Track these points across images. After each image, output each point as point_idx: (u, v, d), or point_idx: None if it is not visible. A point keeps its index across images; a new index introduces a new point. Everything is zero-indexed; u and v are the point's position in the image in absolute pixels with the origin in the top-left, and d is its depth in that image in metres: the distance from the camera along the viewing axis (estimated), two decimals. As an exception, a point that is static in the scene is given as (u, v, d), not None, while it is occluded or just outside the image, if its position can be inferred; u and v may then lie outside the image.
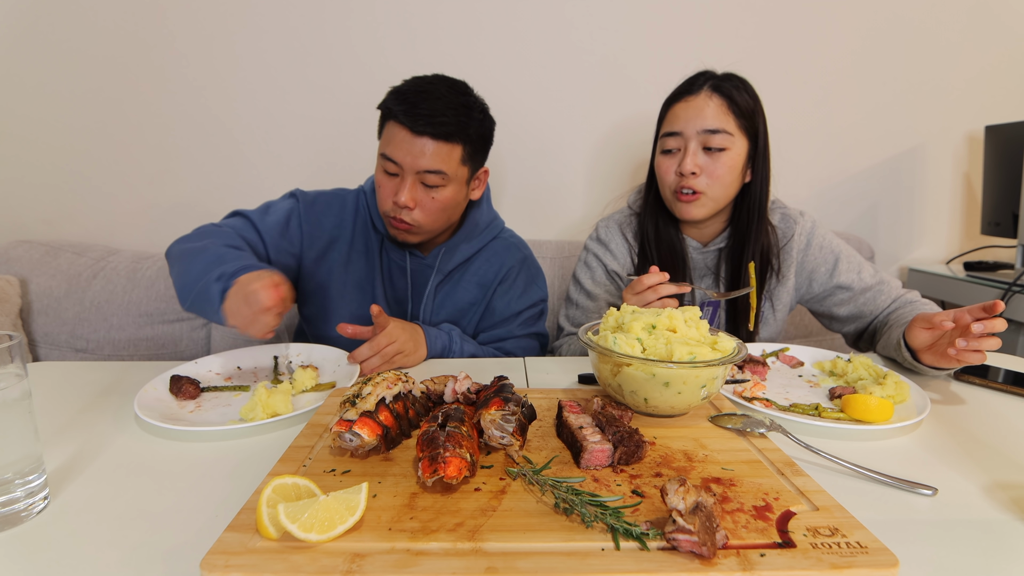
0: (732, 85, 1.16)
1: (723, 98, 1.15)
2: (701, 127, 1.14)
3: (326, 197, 1.26)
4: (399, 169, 1.09)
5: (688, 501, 0.50)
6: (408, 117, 1.05)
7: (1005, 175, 1.78)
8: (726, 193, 1.18)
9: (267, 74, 1.78)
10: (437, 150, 1.07)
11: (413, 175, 1.09)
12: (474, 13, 1.77)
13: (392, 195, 1.10)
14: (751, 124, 1.17)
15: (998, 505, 0.62)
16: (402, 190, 1.09)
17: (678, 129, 1.17)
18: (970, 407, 0.90)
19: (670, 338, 0.79)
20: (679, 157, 1.17)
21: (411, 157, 1.07)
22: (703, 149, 1.15)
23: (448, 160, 1.09)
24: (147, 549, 0.53)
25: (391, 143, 1.08)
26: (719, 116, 1.14)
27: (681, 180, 1.17)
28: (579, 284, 1.36)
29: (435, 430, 0.62)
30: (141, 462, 0.71)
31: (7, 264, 1.66)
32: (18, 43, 1.73)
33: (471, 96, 1.14)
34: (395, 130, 1.08)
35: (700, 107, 1.15)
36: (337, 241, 1.23)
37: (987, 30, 1.87)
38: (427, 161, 1.07)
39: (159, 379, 0.92)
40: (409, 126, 1.06)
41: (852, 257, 1.28)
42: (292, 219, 1.21)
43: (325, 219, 1.23)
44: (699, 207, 1.18)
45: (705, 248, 1.28)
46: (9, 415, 0.57)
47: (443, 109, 1.06)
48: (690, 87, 1.18)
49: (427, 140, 1.06)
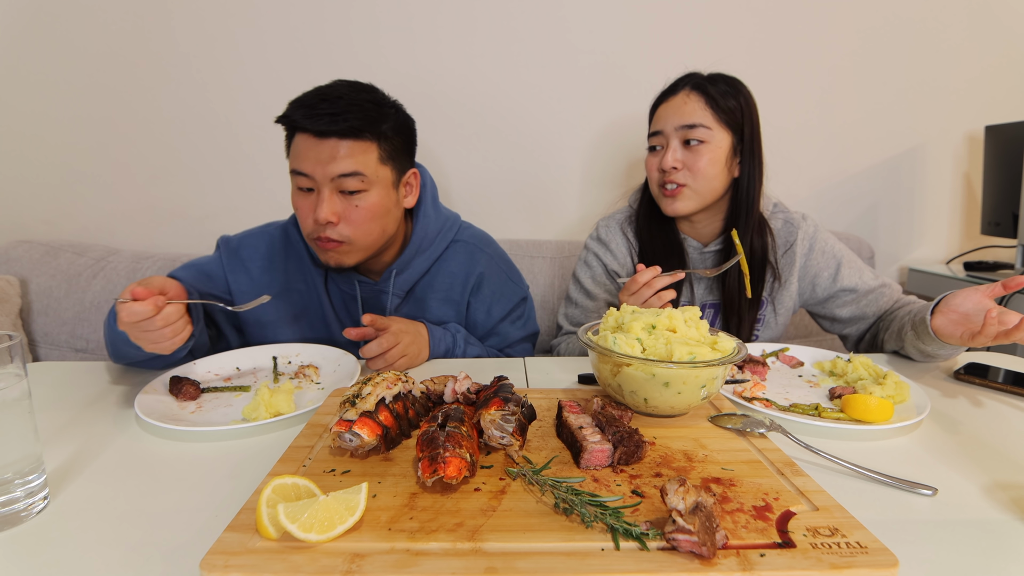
0: (711, 82, 1.19)
1: (701, 95, 1.19)
2: (679, 123, 1.19)
3: (251, 239, 1.18)
4: (313, 183, 0.99)
5: (688, 501, 0.50)
6: (310, 120, 0.96)
7: (1005, 175, 1.78)
8: (710, 186, 1.20)
9: (268, 74, 1.78)
10: (349, 150, 0.97)
11: (328, 185, 0.98)
12: (472, 14, 1.77)
13: (311, 213, 1.00)
14: (732, 118, 1.19)
15: (998, 505, 0.62)
16: (320, 205, 0.98)
17: (659, 128, 1.22)
18: (970, 407, 0.89)
19: (670, 338, 0.79)
20: (661, 153, 1.22)
21: (321, 165, 0.97)
22: (683, 144, 1.19)
23: (363, 160, 0.99)
24: (147, 549, 0.53)
25: (298, 156, 0.99)
26: (696, 112, 1.18)
27: (664, 176, 1.21)
28: (579, 283, 1.36)
29: (435, 430, 0.62)
30: (141, 462, 0.71)
31: (7, 264, 1.66)
32: (19, 42, 1.73)
33: (379, 93, 1.05)
34: (300, 141, 0.99)
35: (679, 105, 1.19)
36: (268, 286, 1.15)
37: (987, 30, 1.87)
38: (339, 165, 0.97)
39: (159, 380, 0.92)
40: (312, 130, 0.96)
41: (854, 261, 1.28)
42: (215, 271, 1.15)
43: (251, 264, 1.16)
44: (683, 201, 1.21)
45: (705, 248, 1.28)
46: (9, 415, 0.57)
47: (346, 106, 0.97)
48: (672, 88, 1.23)
49: (335, 141, 0.97)
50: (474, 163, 1.87)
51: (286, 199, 1.82)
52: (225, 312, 1.15)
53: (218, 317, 1.16)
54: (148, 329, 0.84)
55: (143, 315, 0.81)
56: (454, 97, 1.82)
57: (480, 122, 1.84)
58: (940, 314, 1.01)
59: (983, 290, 0.98)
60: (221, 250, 1.18)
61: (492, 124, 1.84)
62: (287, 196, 1.82)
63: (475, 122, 1.84)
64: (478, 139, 1.86)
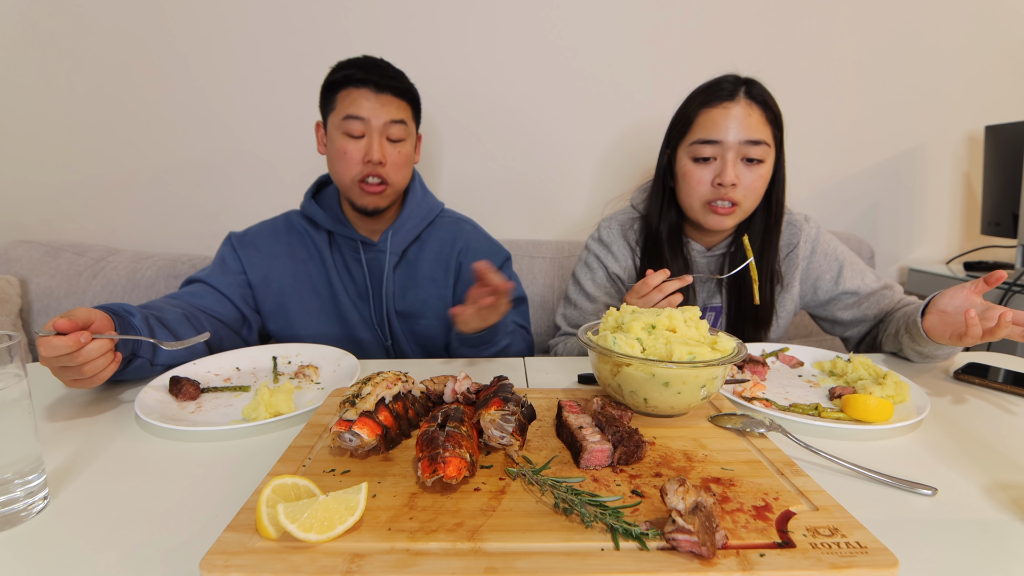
0: (763, 92, 1.13)
1: (761, 107, 1.12)
2: (743, 137, 1.10)
3: (256, 228, 1.34)
4: (365, 128, 1.16)
5: (688, 501, 0.50)
6: (372, 76, 1.15)
7: (1005, 175, 1.78)
8: (755, 204, 1.17)
9: (266, 74, 1.78)
10: (398, 104, 1.18)
11: (379, 131, 1.16)
12: (471, 14, 1.77)
13: (362, 156, 1.16)
14: (780, 133, 1.16)
15: (998, 505, 0.62)
16: (372, 147, 1.16)
17: (717, 138, 1.11)
18: (970, 407, 0.89)
19: (670, 338, 0.79)
20: (715, 167, 1.13)
21: (378, 113, 1.15)
22: (741, 159, 1.12)
23: (407, 113, 1.21)
24: (147, 549, 0.53)
25: (354, 104, 1.16)
26: (761, 126, 1.11)
27: (719, 191, 1.12)
28: (579, 284, 1.35)
29: (435, 430, 0.62)
30: (141, 462, 0.71)
31: (7, 264, 1.66)
32: (18, 43, 1.73)
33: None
34: (356, 94, 1.16)
35: (741, 116, 1.10)
36: (276, 258, 1.29)
37: (987, 31, 1.87)
38: (393, 113, 1.17)
39: (158, 380, 0.92)
40: (373, 86, 1.15)
41: (855, 263, 1.27)
42: (227, 256, 1.28)
43: (259, 242, 1.30)
44: (733, 218, 1.16)
45: (709, 252, 1.26)
46: (8, 415, 0.57)
47: (395, 72, 1.20)
48: (729, 94, 1.12)
49: (389, 96, 1.17)
50: (473, 163, 1.87)
51: (285, 199, 1.83)
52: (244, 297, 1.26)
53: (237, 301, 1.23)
54: (68, 365, 0.78)
55: (63, 350, 0.76)
56: (453, 98, 1.82)
57: (479, 123, 1.84)
58: (930, 314, 1.01)
59: (969, 287, 0.97)
60: (231, 240, 1.31)
61: (491, 125, 1.84)
62: (286, 196, 1.85)
63: (474, 123, 1.84)
64: (477, 140, 1.86)
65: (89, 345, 0.79)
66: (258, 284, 1.27)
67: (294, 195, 1.86)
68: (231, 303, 1.22)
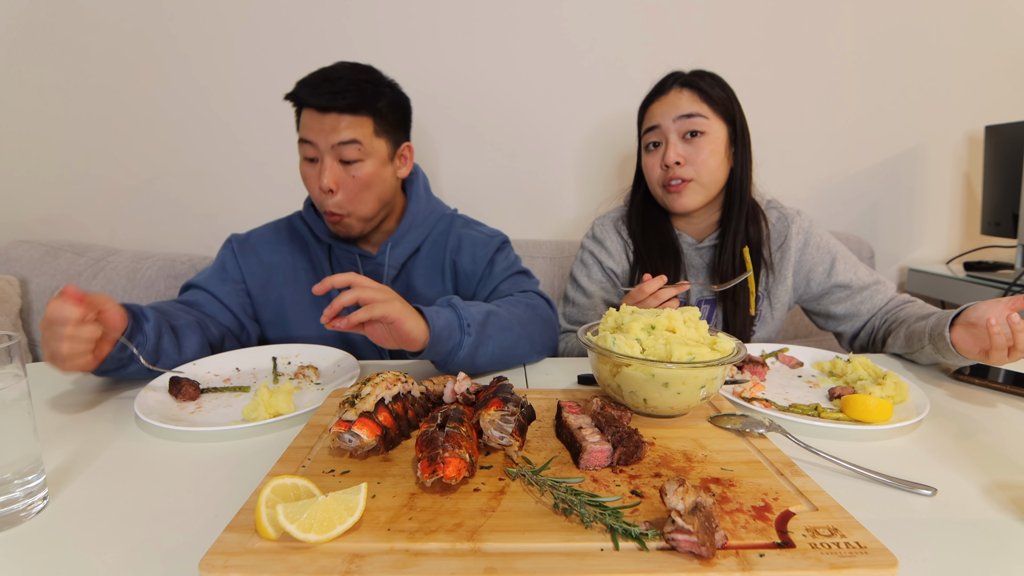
0: (698, 76, 1.21)
1: (693, 90, 1.20)
2: (676, 114, 1.19)
3: (259, 231, 1.30)
4: (316, 151, 1.10)
5: (687, 501, 0.50)
6: (314, 96, 1.08)
7: (1005, 175, 1.78)
8: (714, 178, 1.20)
9: (267, 74, 1.78)
10: (348, 123, 1.08)
11: (329, 153, 1.09)
12: (470, 14, 1.77)
13: (316, 181, 1.11)
14: (725, 108, 1.20)
15: (998, 505, 0.62)
16: (323, 173, 1.09)
17: (656, 123, 1.21)
18: (970, 407, 0.89)
19: (669, 338, 0.79)
20: (662, 150, 1.21)
21: (323, 134, 1.08)
22: (682, 138, 1.19)
23: (360, 132, 1.10)
24: (146, 549, 0.53)
25: (304, 127, 1.11)
26: (692, 103, 1.19)
27: (668, 172, 1.20)
28: (576, 282, 1.38)
29: (434, 430, 0.62)
30: (140, 462, 0.70)
31: (7, 264, 1.66)
32: (18, 42, 1.73)
33: (376, 74, 1.15)
34: (306, 116, 1.11)
35: (672, 101, 1.20)
36: (278, 266, 1.25)
37: (987, 31, 1.87)
38: (339, 134, 1.08)
39: (158, 380, 0.92)
40: (315, 105, 1.08)
41: (848, 257, 1.29)
42: (227, 261, 1.25)
43: (260, 248, 1.26)
44: (690, 195, 1.21)
45: (700, 244, 1.29)
46: (8, 415, 0.57)
47: (346, 85, 1.09)
48: (661, 87, 1.24)
49: (335, 115, 1.08)
50: (471, 163, 1.87)
51: (285, 198, 1.83)
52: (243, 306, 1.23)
53: (236, 310, 1.21)
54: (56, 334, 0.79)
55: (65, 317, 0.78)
56: (452, 96, 1.82)
57: (477, 121, 1.84)
58: (960, 327, 0.96)
59: (1006, 303, 0.90)
60: (232, 243, 1.27)
61: (489, 123, 1.84)
62: (286, 195, 1.85)
63: (472, 121, 1.84)
64: (475, 139, 1.86)
65: (84, 326, 0.80)
66: (257, 294, 1.25)
67: (293, 195, 1.86)
68: (230, 313, 1.20)
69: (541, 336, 1.11)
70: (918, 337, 1.05)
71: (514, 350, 1.03)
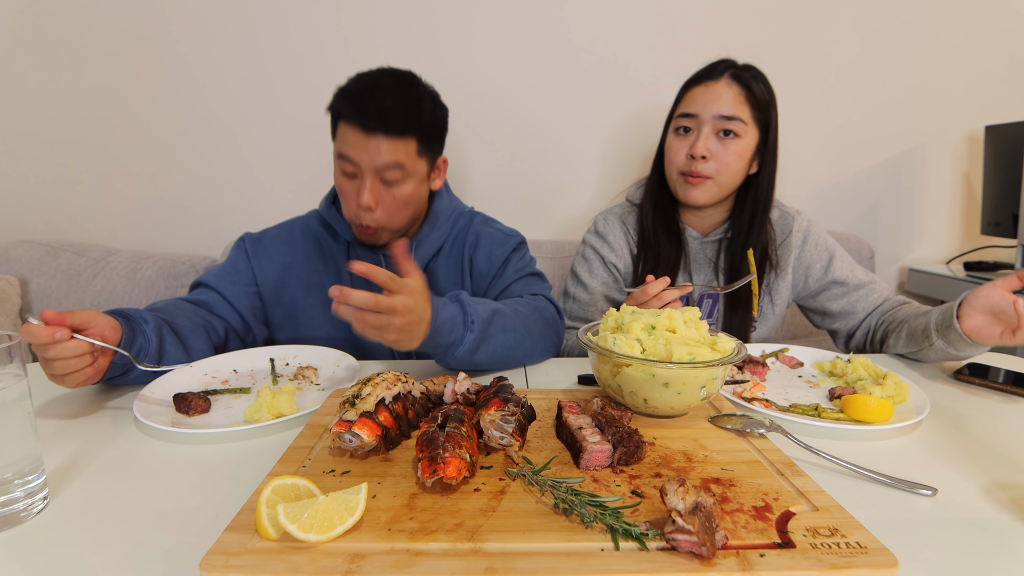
0: (751, 75, 1.19)
1: (742, 87, 1.17)
2: (717, 112, 1.16)
3: (273, 231, 1.27)
4: (357, 169, 1.06)
5: (688, 501, 0.50)
6: (358, 116, 1.03)
7: (1005, 175, 1.78)
8: (732, 181, 1.20)
9: (266, 75, 1.78)
10: (392, 146, 1.04)
11: (371, 173, 1.06)
12: (470, 13, 1.77)
13: (355, 198, 1.08)
14: (764, 116, 1.19)
15: (998, 505, 0.62)
16: (363, 191, 1.06)
17: (694, 111, 1.18)
18: (970, 407, 0.89)
19: (669, 339, 0.79)
20: (691, 139, 1.19)
21: (367, 155, 1.04)
22: (716, 134, 1.17)
23: (404, 153, 1.06)
24: (147, 549, 0.53)
25: (346, 143, 1.06)
26: (736, 104, 1.16)
27: (691, 163, 1.18)
28: (576, 278, 1.38)
29: (434, 431, 0.62)
30: (140, 462, 0.70)
31: (7, 264, 1.66)
32: (18, 42, 1.73)
33: (420, 87, 1.11)
34: (347, 131, 1.05)
35: (718, 93, 1.17)
36: (292, 267, 1.23)
37: (987, 31, 1.87)
38: (384, 157, 1.04)
39: (158, 382, 0.91)
40: (360, 125, 1.03)
41: (845, 256, 1.32)
42: (239, 262, 1.22)
43: (273, 250, 1.23)
44: (703, 191, 1.20)
45: (705, 239, 1.29)
46: (8, 415, 0.57)
47: (393, 104, 1.04)
48: (711, 72, 1.19)
49: (380, 138, 1.03)
50: (472, 162, 1.87)
51: (285, 198, 1.83)
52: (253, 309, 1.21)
53: (245, 313, 1.19)
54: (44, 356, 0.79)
55: (36, 339, 0.77)
56: (454, 96, 1.79)
57: (479, 121, 1.84)
58: (968, 316, 0.96)
59: (1001, 283, 0.93)
60: (245, 242, 1.25)
61: (492, 123, 1.85)
62: (287, 195, 1.85)
63: (474, 121, 1.84)
64: (477, 139, 1.86)
65: (65, 343, 0.78)
66: (269, 296, 1.22)
67: (293, 195, 1.86)
68: (238, 314, 1.18)
69: (544, 340, 1.10)
70: (923, 334, 1.05)
71: (516, 351, 1.03)
